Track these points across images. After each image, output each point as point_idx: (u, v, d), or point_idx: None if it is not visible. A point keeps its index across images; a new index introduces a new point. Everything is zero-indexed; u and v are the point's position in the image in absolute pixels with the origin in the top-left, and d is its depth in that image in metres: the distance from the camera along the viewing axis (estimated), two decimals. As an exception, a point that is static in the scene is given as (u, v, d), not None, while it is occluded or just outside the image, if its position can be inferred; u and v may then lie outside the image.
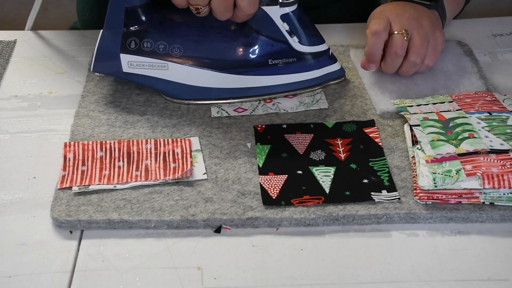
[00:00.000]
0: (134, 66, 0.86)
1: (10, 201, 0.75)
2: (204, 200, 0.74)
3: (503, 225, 0.73)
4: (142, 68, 0.86)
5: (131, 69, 0.86)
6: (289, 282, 0.67)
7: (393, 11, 0.91)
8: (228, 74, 0.86)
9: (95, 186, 0.75)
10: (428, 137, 0.78)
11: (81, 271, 0.68)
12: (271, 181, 0.77)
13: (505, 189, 0.72)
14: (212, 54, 0.86)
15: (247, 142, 0.82)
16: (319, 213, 0.73)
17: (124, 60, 0.86)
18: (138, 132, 0.83)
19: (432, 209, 0.73)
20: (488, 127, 0.79)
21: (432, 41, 0.90)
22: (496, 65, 0.97)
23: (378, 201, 0.74)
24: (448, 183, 0.73)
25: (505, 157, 0.75)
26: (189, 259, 0.69)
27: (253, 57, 0.86)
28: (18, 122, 0.86)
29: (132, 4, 0.85)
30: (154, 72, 0.86)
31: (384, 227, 0.73)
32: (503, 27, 1.05)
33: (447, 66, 0.94)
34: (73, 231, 0.72)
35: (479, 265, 0.69)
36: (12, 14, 1.72)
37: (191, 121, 0.85)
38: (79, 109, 0.87)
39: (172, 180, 0.76)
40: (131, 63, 0.86)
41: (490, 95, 0.87)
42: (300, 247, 0.71)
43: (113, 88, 0.90)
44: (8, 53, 0.98)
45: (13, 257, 0.69)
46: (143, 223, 0.72)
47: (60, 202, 0.74)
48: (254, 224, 0.73)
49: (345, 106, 0.88)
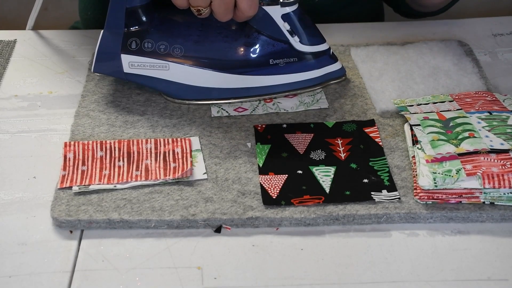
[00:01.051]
0: (135, 66, 0.86)
1: (10, 200, 0.75)
2: (204, 200, 0.74)
3: (503, 225, 0.73)
4: (143, 69, 0.86)
5: (132, 70, 0.86)
6: (289, 282, 0.67)
7: None
8: (230, 74, 0.86)
9: (95, 186, 0.75)
10: (428, 136, 0.78)
11: (81, 271, 0.68)
12: (271, 180, 0.77)
13: (505, 188, 0.72)
14: (213, 54, 0.86)
15: (247, 141, 0.82)
16: (319, 213, 0.73)
17: (125, 61, 0.86)
18: (138, 132, 0.83)
19: (432, 209, 0.73)
20: (488, 126, 0.79)
21: None
22: (496, 64, 0.97)
23: (378, 200, 0.74)
24: (448, 182, 0.73)
25: (505, 156, 0.75)
26: (189, 259, 0.69)
27: (254, 57, 0.86)
28: (18, 122, 0.86)
29: (133, 4, 0.85)
30: (155, 72, 0.86)
31: (384, 227, 0.73)
32: (503, 27, 1.05)
33: (448, 65, 0.94)
34: (73, 231, 0.72)
35: (479, 265, 0.69)
36: (12, 13, 1.72)
37: (191, 120, 0.85)
38: (79, 108, 0.87)
39: (172, 180, 0.76)
40: (132, 63, 0.86)
41: (490, 95, 0.87)
42: (300, 247, 0.71)
43: (113, 87, 0.90)
44: (8, 53, 0.98)
45: (13, 257, 0.69)
46: (143, 223, 0.72)
47: (60, 202, 0.74)
48: (254, 224, 0.73)
49: (345, 105, 0.88)
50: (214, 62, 0.86)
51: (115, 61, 0.86)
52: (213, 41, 0.86)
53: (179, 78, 0.86)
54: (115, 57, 0.86)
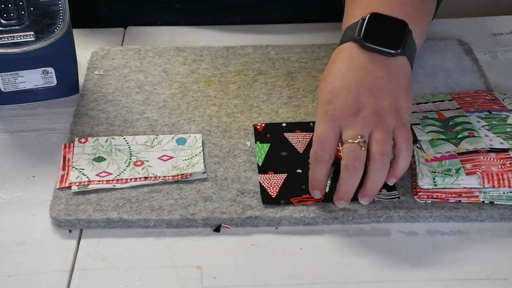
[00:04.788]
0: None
1: (9, 200, 0.75)
2: (204, 199, 0.74)
3: (503, 224, 0.73)
4: None
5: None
6: (288, 281, 0.67)
7: (344, 100, 0.71)
8: None
9: (94, 186, 0.75)
10: (428, 136, 0.78)
11: (80, 270, 0.68)
12: (271, 180, 0.77)
13: (504, 188, 0.72)
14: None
15: (247, 140, 0.82)
16: (319, 212, 0.73)
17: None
18: (138, 131, 0.83)
19: (432, 208, 0.73)
20: (488, 126, 0.79)
21: (400, 126, 0.71)
22: (496, 64, 0.97)
23: (377, 200, 0.74)
24: (448, 182, 0.73)
25: (505, 156, 0.74)
26: (189, 258, 0.69)
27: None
28: (17, 121, 0.86)
29: None
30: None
31: (383, 226, 0.73)
32: (503, 26, 1.05)
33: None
34: (72, 230, 0.72)
35: (479, 264, 0.69)
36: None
37: (190, 119, 0.85)
38: (78, 108, 0.87)
39: (171, 180, 0.76)
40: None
41: (490, 94, 0.87)
42: (300, 246, 0.71)
43: (112, 87, 0.90)
44: (7, 52, 0.98)
45: (12, 256, 0.69)
46: (142, 222, 0.72)
47: (59, 201, 0.73)
48: (253, 223, 0.73)
49: (344, 105, 0.88)
50: None
51: None
52: None
53: None
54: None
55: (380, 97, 0.71)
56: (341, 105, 0.71)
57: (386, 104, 0.71)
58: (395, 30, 0.76)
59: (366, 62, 0.74)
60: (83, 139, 0.80)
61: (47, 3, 0.80)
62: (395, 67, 0.74)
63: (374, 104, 0.71)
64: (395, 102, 0.72)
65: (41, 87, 0.86)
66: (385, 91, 0.72)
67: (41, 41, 0.81)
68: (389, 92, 0.72)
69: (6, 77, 0.84)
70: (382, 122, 0.70)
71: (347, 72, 0.73)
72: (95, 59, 0.95)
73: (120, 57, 0.95)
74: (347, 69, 0.74)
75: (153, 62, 0.95)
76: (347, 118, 0.70)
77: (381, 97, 0.71)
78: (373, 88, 0.72)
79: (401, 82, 0.74)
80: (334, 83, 0.73)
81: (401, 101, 0.72)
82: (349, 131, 0.70)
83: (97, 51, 0.96)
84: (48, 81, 0.86)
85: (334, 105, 0.71)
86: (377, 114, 0.70)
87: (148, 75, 0.92)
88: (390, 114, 0.71)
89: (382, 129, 0.70)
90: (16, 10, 0.79)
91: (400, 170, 0.71)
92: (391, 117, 0.71)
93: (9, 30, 0.79)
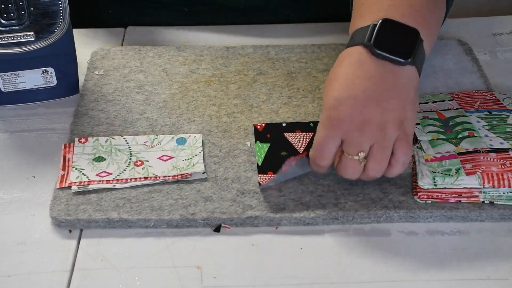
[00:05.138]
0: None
1: (9, 200, 0.75)
2: (204, 199, 0.74)
3: (503, 224, 0.73)
4: None
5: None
6: (288, 281, 0.67)
7: (350, 110, 0.70)
8: None
9: (94, 186, 0.75)
10: (428, 136, 0.78)
11: (80, 270, 0.68)
12: (270, 179, 0.76)
13: (504, 188, 0.72)
14: None
15: (247, 140, 0.82)
16: (319, 212, 0.73)
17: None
18: (138, 131, 0.83)
19: (432, 208, 0.73)
20: (488, 126, 0.79)
21: (402, 137, 0.71)
22: (496, 64, 0.97)
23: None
24: (448, 182, 0.73)
25: (505, 156, 0.74)
26: (189, 258, 0.69)
27: None
28: (17, 121, 0.86)
29: None
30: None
31: (383, 226, 0.73)
32: (503, 26, 1.05)
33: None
34: (72, 230, 0.72)
35: (479, 264, 0.69)
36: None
37: (190, 119, 0.85)
38: (79, 108, 0.87)
39: (171, 180, 0.76)
40: None
41: (490, 94, 0.87)
42: (300, 246, 0.71)
43: (112, 87, 0.90)
44: (7, 52, 0.98)
45: (12, 256, 0.69)
46: (142, 222, 0.72)
47: (59, 201, 0.73)
48: (253, 223, 0.73)
49: (344, 105, 0.88)
50: None
51: None
52: None
53: None
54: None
55: (387, 109, 0.70)
56: (346, 116, 0.69)
57: (392, 116, 0.70)
58: (406, 38, 0.74)
59: (375, 70, 0.71)
60: (83, 139, 0.80)
61: (47, 3, 0.80)
62: (404, 77, 0.72)
63: (380, 118, 0.70)
64: (401, 114, 0.70)
65: (41, 87, 0.86)
66: (392, 102, 0.70)
67: (41, 41, 0.81)
68: (396, 104, 0.70)
69: (6, 77, 0.84)
70: (384, 136, 0.69)
71: (355, 79, 0.71)
72: (95, 59, 0.95)
73: (120, 57, 0.95)
74: (355, 76, 0.71)
75: (153, 62, 0.95)
76: (351, 131, 0.70)
77: (388, 109, 0.70)
78: (380, 99, 0.70)
79: (409, 93, 0.72)
80: (341, 90, 0.71)
81: (407, 113, 0.71)
82: (351, 146, 0.70)
83: (97, 51, 0.96)
84: (48, 81, 0.86)
85: (339, 115, 0.70)
86: (381, 127, 0.70)
87: (148, 75, 0.92)
88: (394, 126, 0.70)
89: (382, 145, 0.69)
90: (16, 10, 0.79)
91: (388, 176, 0.73)
92: (394, 129, 0.70)
93: (9, 30, 0.80)
